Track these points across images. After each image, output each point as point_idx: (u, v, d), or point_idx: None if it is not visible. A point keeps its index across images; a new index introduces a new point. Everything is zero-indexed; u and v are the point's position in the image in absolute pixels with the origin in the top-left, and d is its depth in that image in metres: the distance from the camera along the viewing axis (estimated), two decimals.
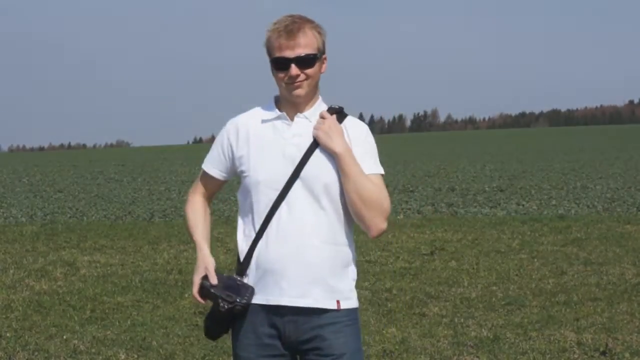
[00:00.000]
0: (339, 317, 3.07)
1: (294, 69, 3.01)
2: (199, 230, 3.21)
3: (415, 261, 10.41)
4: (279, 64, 3.02)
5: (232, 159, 3.14)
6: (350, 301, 3.11)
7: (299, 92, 3.05)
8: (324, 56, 3.09)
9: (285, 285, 3.02)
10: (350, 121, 3.15)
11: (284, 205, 3.02)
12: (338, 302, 3.07)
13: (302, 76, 3.03)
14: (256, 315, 3.08)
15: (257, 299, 3.07)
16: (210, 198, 3.30)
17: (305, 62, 3.01)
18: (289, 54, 3.00)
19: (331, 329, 3.05)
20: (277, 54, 3.02)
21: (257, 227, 3.05)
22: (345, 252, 3.10)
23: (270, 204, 3.03)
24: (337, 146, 3.01)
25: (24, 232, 14.25)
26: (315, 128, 3.05)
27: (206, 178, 3.24)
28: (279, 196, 3.02)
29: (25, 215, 17.54)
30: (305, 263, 3.02)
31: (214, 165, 3.20)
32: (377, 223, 3.03)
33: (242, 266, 3.10)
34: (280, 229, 3.02)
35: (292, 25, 3.00)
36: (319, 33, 3.06)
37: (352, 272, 3.14)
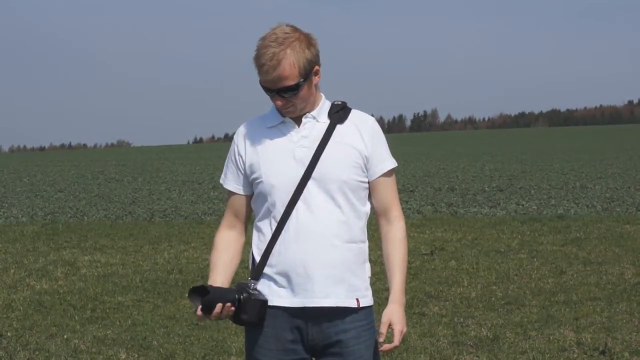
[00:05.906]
0: (359, 319, 3.05)
1: (279, 101, 2.99)
2: (215, 272, 3.12)
3: (415, 261, 10.42)
4: (267, 90, 3.01)
5: (244, 169, 3.10)
6: (367, 299, 3.09)
7: (291, 113, 3.05)
8: (315, 68, 3.02)
9: (310, 287, 2.99)
10: (356, 117, 3.12)
11: (300, 207, 2.99)
12: (357, 300, 3.05)
13: (290, 102, 3.00)
14: (279, 319, 3.03)
15: (280, 302, 3.02)
16: (243, 222, 3.19)
17: (288, 91, 2.97)
18: (272, 86, 2.97)
19: (353, 335, 3.04)
20: (262, 84, 3.00)
21: (274, 229, 3.01)
22: (363, 249, 3.09)
23: (285, 206, 2.99)
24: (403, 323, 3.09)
25: (25, 231, 14.28)
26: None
27: (230, 197, 3.19)
28: (294, 197, 2.98)
29: (26, 215, 17.58)
30: (328, 263, 2.99)
31: (231, 180, 3.16)
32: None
33: (258, 268, 3.06)
34: (298, 230, 2.98)
35: (270, 63, 2.92)
36: (305, 50, 2.97)
37: (368, 269, 3.12)
